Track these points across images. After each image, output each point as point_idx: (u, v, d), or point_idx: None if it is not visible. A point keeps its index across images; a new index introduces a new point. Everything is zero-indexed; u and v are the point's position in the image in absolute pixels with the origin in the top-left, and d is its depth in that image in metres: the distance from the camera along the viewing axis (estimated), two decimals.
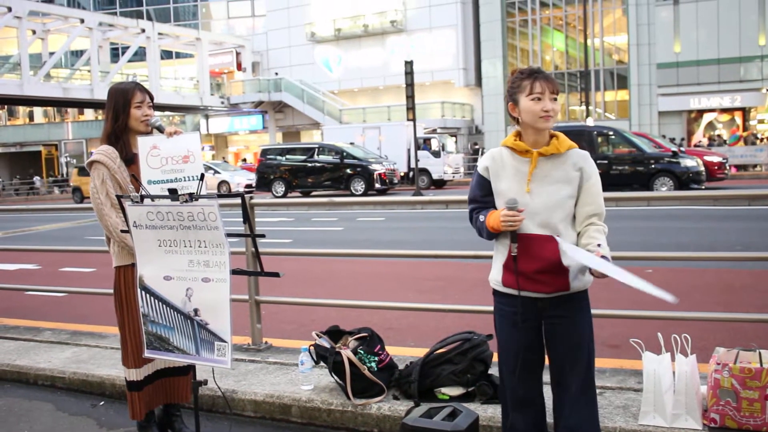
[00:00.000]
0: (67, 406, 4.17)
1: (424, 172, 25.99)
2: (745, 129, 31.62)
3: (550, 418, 2.70)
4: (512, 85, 2.50)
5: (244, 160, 40.27)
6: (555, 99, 2.44)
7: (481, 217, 2.54)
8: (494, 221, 2.46)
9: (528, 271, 2.47)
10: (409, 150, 26.51)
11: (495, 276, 2.60)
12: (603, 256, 2.36)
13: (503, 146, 2.54)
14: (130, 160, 3.23)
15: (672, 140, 26.10)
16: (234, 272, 2.68)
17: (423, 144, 26.29)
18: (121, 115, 3.22)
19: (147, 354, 2.87)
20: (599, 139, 18.32)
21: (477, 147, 34.26)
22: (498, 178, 2.52)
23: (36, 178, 34.30)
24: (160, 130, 3.21)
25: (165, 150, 3.13)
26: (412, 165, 25.84)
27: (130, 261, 3.19)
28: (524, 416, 2.62)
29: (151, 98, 3.32)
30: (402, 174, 26.63)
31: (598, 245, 2.41)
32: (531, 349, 2.56)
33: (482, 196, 2.58)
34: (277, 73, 40.60)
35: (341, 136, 28.30)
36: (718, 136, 30.93)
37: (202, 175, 2.97)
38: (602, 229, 2.48)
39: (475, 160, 32.57)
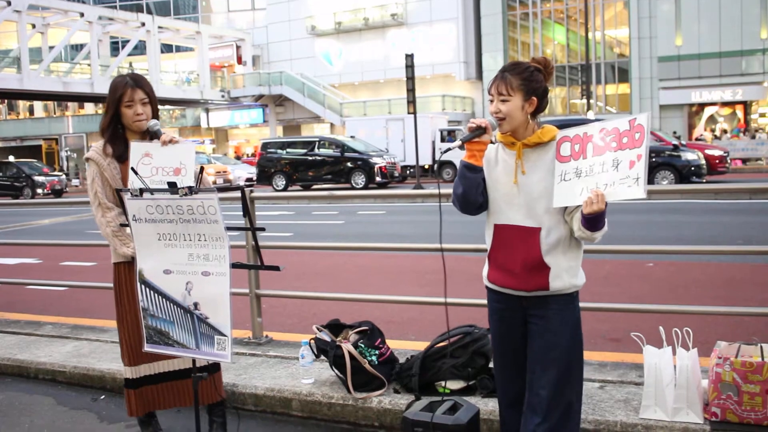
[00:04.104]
0: (68, 401, 4.18)
1: (449, 164, 25.85)
2: (746, 122, 31.56)
3: None
4: None
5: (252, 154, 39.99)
6: (503, 101, 2.38)
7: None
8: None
9: (506, 263, 2.46)
10: (433, 142, 26.51)
11: (484, 271, 2.62)
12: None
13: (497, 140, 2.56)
14: (124, 156, 3.12)
15: (675, 134, 26.06)
16: (234, 266, 2.67)
17: (448, 136, 26.48)
18: (110, 112, 3.13)
19: (147, 348, 2.86)
20: None
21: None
22: (490, 171, 2.53)
23: None
24: (157, 135, 3.08)
25: (157, 159, 3.01)
26: (437, 157, 25.87)
27: (122, 259, 3.17)
28: (514, 414, 2.60)
29: (147, 93, 3.13)
30: (426, 167, 26.56)
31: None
32: (517, 347, 2.54)
33: None
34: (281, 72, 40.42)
35: (365, 128, 28.41)
36: (711, 130, 30.92)
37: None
38: None
39: None
